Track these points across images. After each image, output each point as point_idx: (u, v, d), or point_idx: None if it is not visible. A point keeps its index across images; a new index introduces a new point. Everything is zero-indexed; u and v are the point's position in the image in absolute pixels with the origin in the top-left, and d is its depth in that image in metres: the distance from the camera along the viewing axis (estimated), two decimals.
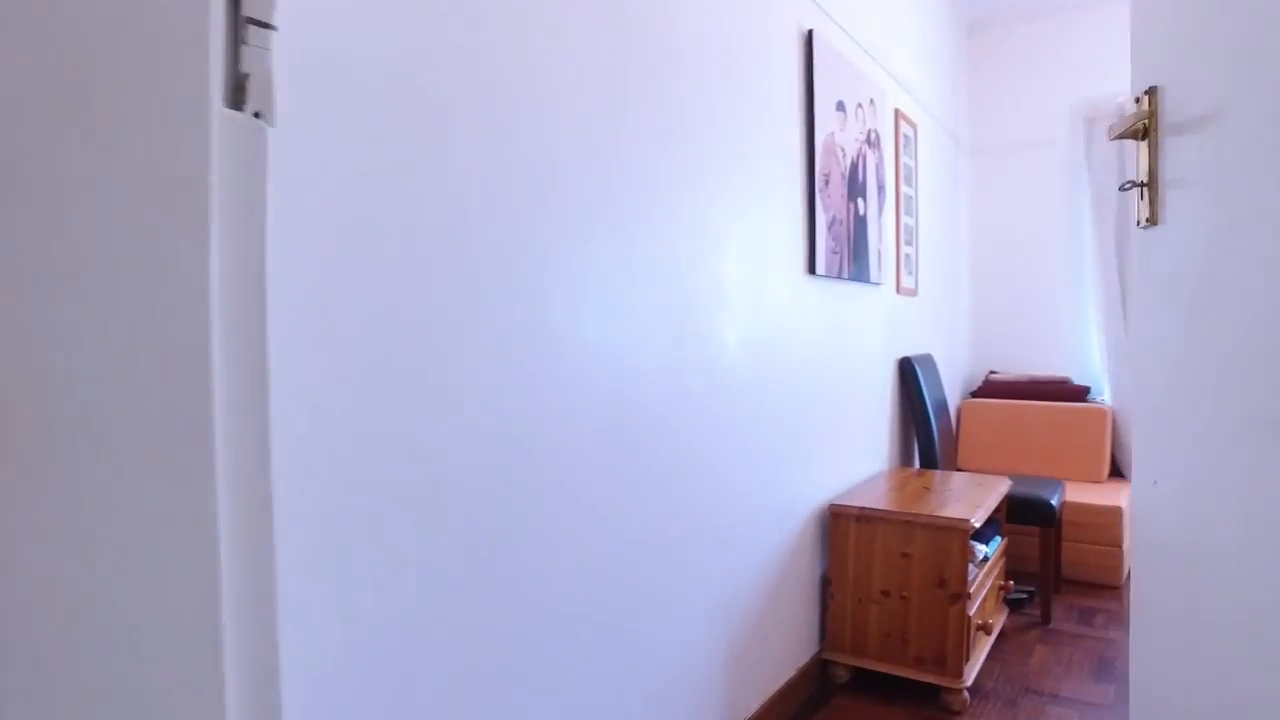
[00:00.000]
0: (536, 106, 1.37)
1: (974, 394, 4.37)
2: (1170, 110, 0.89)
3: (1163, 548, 0.98)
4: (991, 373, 4.49)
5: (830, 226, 2.52)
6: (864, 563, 2.46)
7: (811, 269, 2.42)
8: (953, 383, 4.24)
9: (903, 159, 3.34)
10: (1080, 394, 4.12)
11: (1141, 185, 1.00)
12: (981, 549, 2.56)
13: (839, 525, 2.50)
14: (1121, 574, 3.46)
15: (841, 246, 2.61)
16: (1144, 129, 0.98)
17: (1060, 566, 3.47)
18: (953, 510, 2.40)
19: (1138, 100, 1.00)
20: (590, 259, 1.50)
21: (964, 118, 4.55)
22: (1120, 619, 3.12)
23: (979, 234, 4.67)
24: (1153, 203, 0.95)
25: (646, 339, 1.67)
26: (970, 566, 2.37)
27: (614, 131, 1.56)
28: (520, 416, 1.34)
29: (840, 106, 2.61)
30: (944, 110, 4.06)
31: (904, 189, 3.35)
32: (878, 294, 3.04)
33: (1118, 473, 4.10)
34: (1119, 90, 4.27)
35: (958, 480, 2.86)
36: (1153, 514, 0.99)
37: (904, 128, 3.36)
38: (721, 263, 1.95)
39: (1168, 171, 0.91)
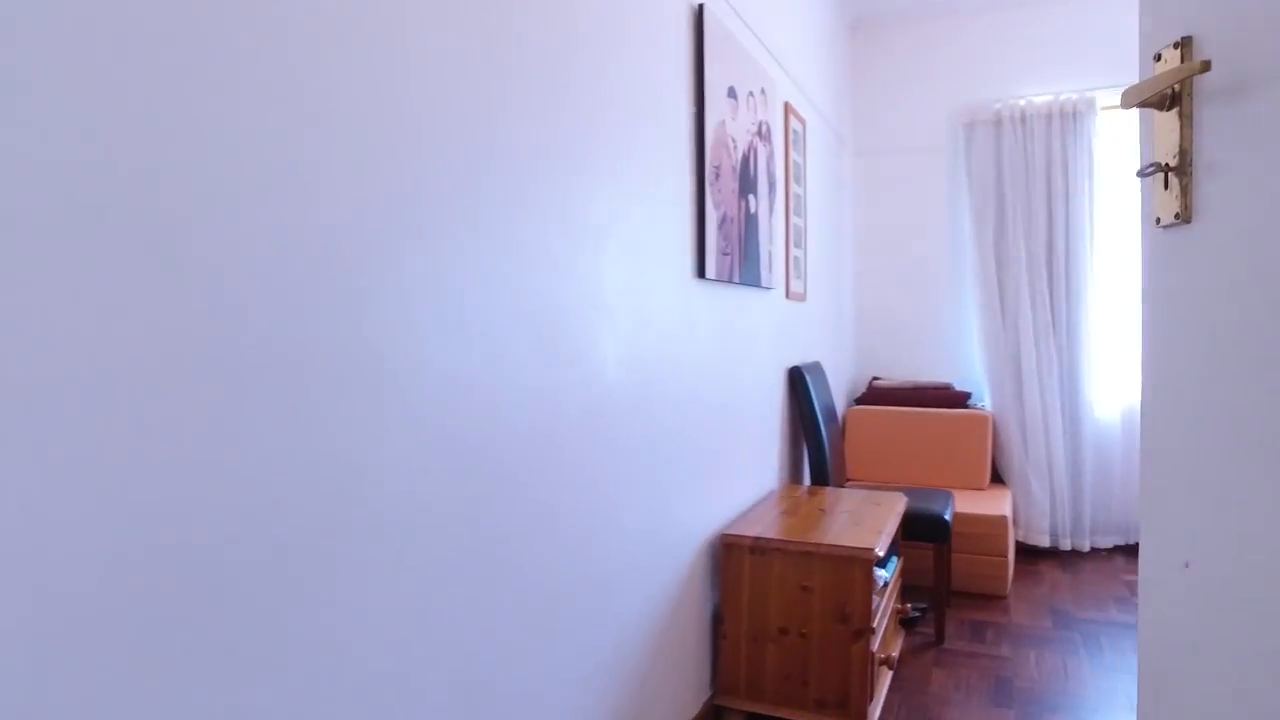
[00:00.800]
0: (392, 69, 1.03)
1: (859, 401, 4.27)
2: (1215, 70, 0.67)
3: (1201, 651, 0.76)
4: (875, 379, 4.41)
5: (721, 225, 2.27)
6: (760, 598, 2.22)
7: (701, 272, 2.16)
8: (839, 390, 4.12)
9: (792, 155, 3.15)
10: (961, 400, 4.08)
11: (1166, 170, 0.78)
12: (882, 575, 2.37)
13: (732, 558, 2.25)
14: (1007, 584, 3.40)
15: (733, 247, 2.37)
16: (1172, 95, 0.76)
17: (950, 579, 3.37)
18: (854, 537, 2.20)
19: (1158, 58, 0.78)
20: (436, 258, 1.17)
21: (848, 118, 4.45)
22: (1009, 632, 3.04)
23: (862, 237, 4.59)
24: (1184, 194, 0.73)
25: (505, 359, 1.34)
26: (873, 596, 2.18)
27: (481, 107, 1.24)
28: (330, 478, 0.99)
29: (732, 93, 2.36)
30: (830, 108, 3.92)
31: (794, 187, 3.17)
32: (768, 299, 2.82)
33: (997, 478, 4.09)
34: (997, 96, 4.27)
35: (853, 499, 2.68)
36: (1183, 606, 0.77)
37: (793, 122, 3.17)
38: (602, 264, 1.65)
39: (1205, 151, 0.69)
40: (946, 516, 2.91)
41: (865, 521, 2.38)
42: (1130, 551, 4.06)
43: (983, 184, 4.20)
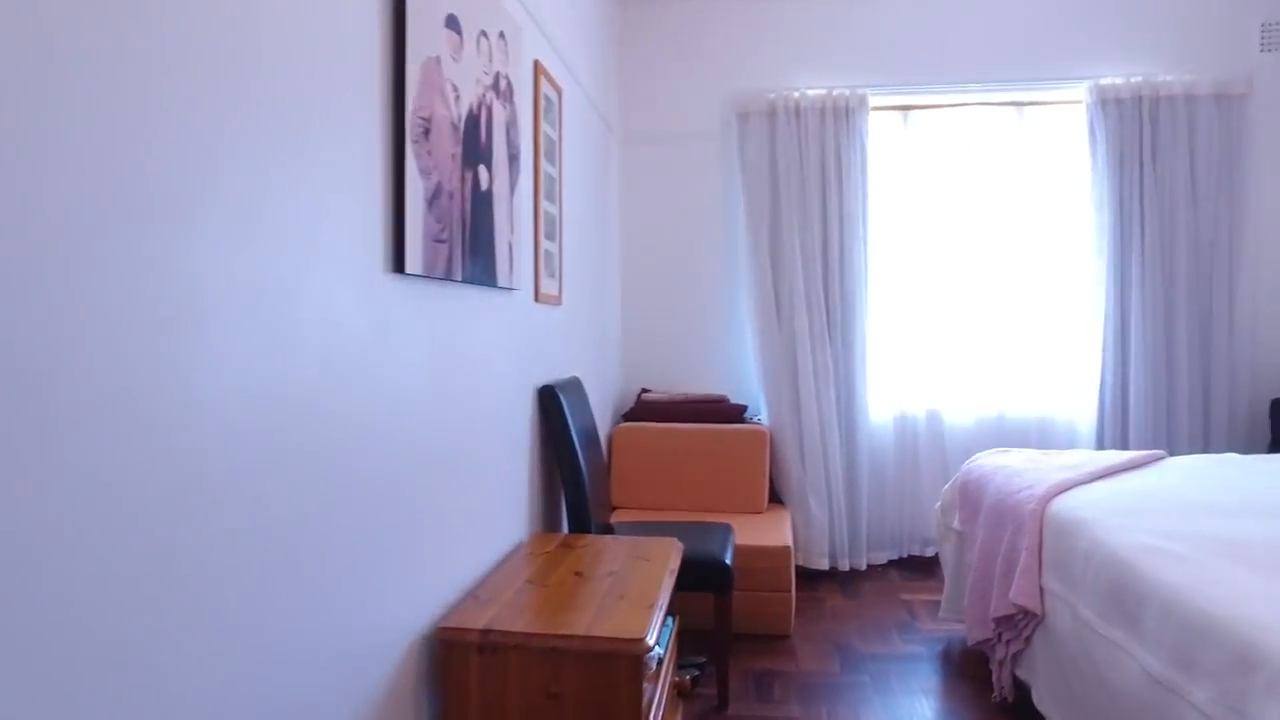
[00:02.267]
0: None
1: (626, 416, 3.80)
2: None
3: None
4: (644, 391, 3.96)
5: (434, 200, 1.64)
6: (493, 714, 1.61)
7: (399, 264, 1.51)
8: (604, 407, 3.61)
9: (544, 127, 2.57)
10: (737, 413, 3.73)
11: None
12: (655, 654, 1.85)
13: (454, 659, 1.62)
14: (790, 621, 3.05)
15: (452, 232, 1.74)
16: None
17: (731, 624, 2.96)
18: (618, 619, 1.66)
19: None
20: None
21: (614, 99, 3.96)
22: (797, 683, 2.67)
23: (630, 233, 4.13)
24: None
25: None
26: (645, 686, 1.64)
27: None
28: None
29: (454, 24, 1.74)
30: (593, 85, 3.40)
31: (545, 167, 2.59)
32: (510, 303, 2.23)
33: (775, 497, 3.78)
34: (771, 86, 3.97)
35: (618, 553, 2.15)
36: None
37: (546, 88, 2.60)
38: (187, 248, 0.96)
39: None
40: (727, 560, 2.47)
41: (632, 589, 1.85)
42: (904, 566, 3.92)
43: (757, 179, 3.88)
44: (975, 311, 3.98)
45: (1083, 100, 3.84)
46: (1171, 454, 3.80)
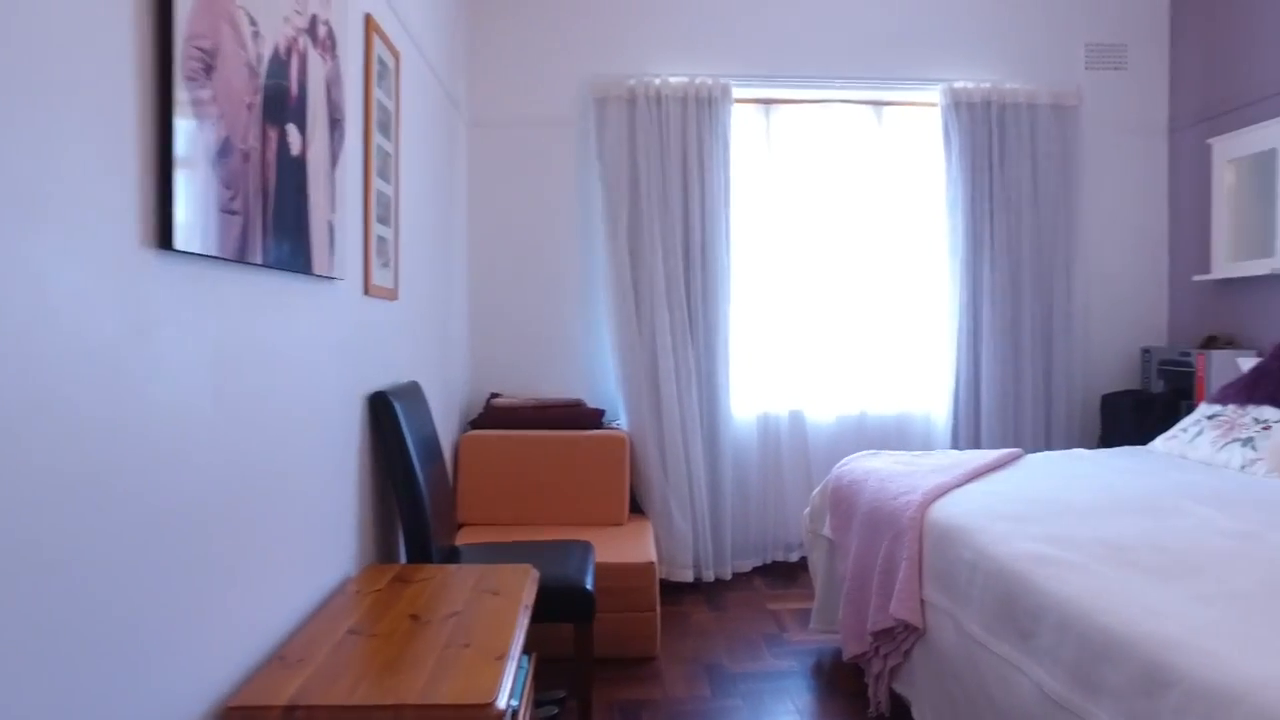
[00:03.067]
0: None
1: (474, 423, 3.47)
2: None
3: None
4: (494, 395, 3.64)
5: (221, 157, 1.28)
6: None
7: (165, 238, 1.15)
8: (448, 413, 3.27)
9: (377, 94, 2.22)
10: (595, 419, 3.48)
11: None
12: (509, 708, 1.56)
13: None
14: (656, 642, 2.83)
15: (249, 202, 1.38)
16: None
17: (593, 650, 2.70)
18: (462, 678, 1.36)
19: None
20: None
21: (463, 77, 3.62)
22: (666, 712, 2.45)
23: (478, 224, 3.79)
24: None
25: None
26: None
27: None
28: None
29: None
30: (439, 57, 3.05)
31: (379, 140, 2.24)
32: (331, 295, 1.87)
33: (636, 507, 3.56)
34: (632, 72, 3.76)
35: (463, 586, 1.85)
36: None
37: (381, 49, 2.25)
38: None
39: None
40: (588, 585, 2.21)
41: (479, 634, 1.55)
42: (769, 573, 3.80)
43: (616, 169, 3.65)
44: (836, 310, 3.93)
45: (938, 103, 3.87)
46: (1020, 444, 3.89)
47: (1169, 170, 4.17)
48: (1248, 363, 3.22)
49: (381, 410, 2.14)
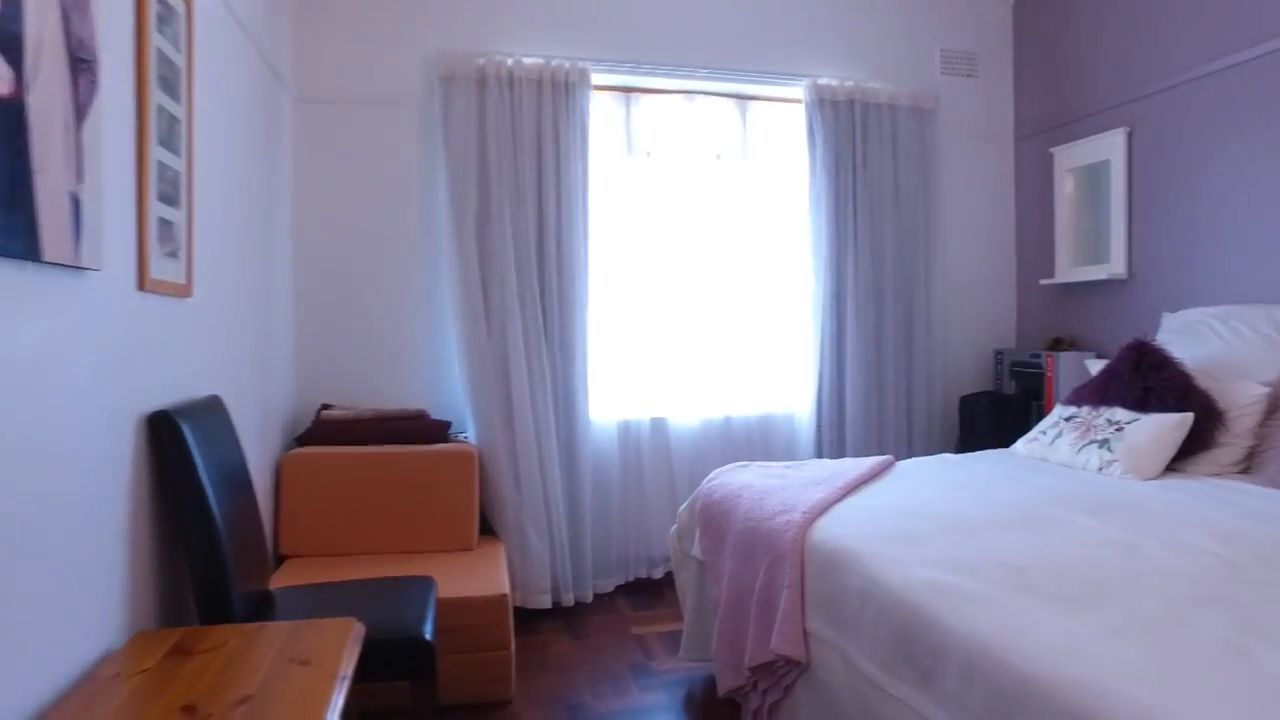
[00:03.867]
0: None
1: (301, 440, 3.03)
2: None
3: None
4: (325, 407, 3.21)
5: None
6: None
7: None
8: (267, 430, 2.82)
9: (155, 41, 1.79)
10: (440, 431, 3.13)
11: None
12: None
13: None
14: (511, 683, 2.52)
15: None
16: None
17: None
18: None
19: None
20: None
21: (287, 45, 3.16)
22: None
23: (307, 213, 3.34)
24: None
25: None
26: None
27: None
28: None
29: None
30: (256, 20, 2.60)
31: (158, 98, 1.81)
32: (81, 290, 1.45)
33: (487, 528, 3.23)
34: (482, 50, 3.42)
35: (262, 656, 1.48)
36: None
37: None
38: None
39: None
40: (427, 634, 1.88)
41: None
42: (632, 592, 3.56)
43: (463, 156, 3.30)
44: (700, 311, 3.75)
45: (802, 99, 3.77)
46: (882, 452, 3.85)
47: (1015, 177, 4.27)
48: (1095, 364, 3.28)
49: (164, 433, 1.72)
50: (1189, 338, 3.03)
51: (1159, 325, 3.37)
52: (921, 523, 1.96)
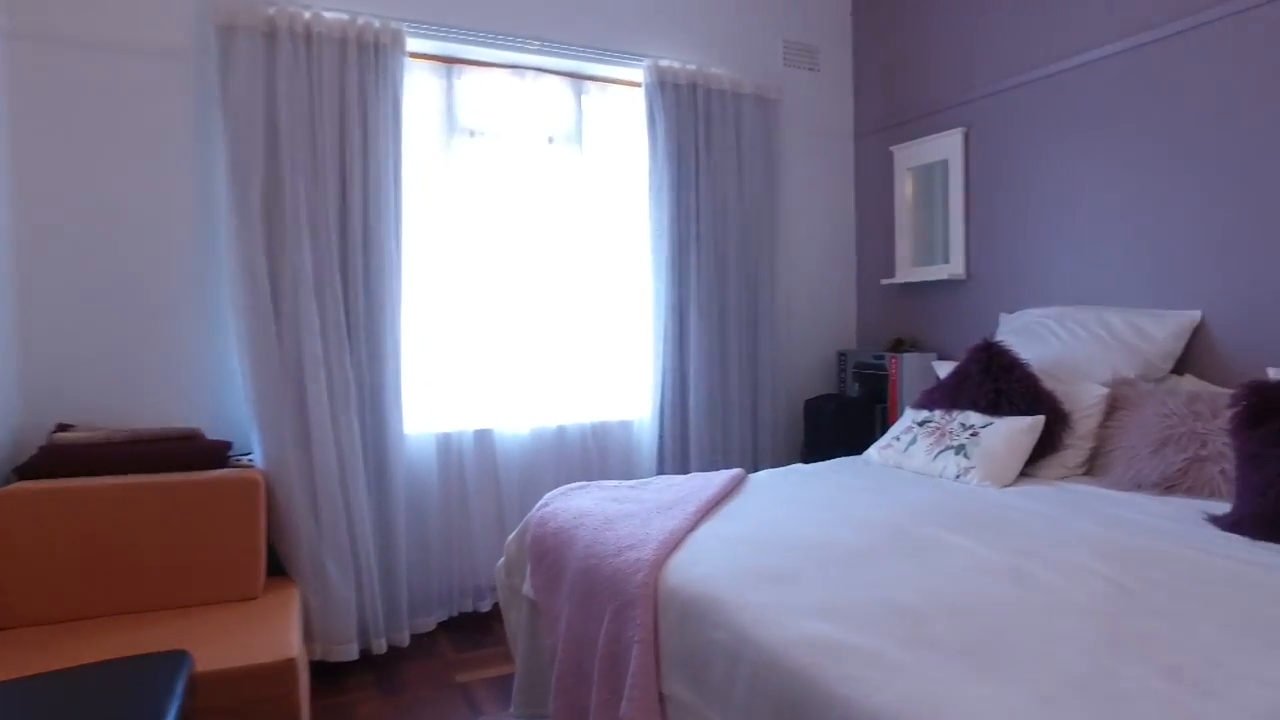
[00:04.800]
0: None
1: (24, 472, 2.38)
2: None
3: None
4: (61, 428, 2.57)
5: None
6: None
7: None
8: None
9: None
10: (217, 455, 2.57)
11: None
12: None
13: None
14: None
15: None
16: None
17: None
18: None
19: None
20: None
21: None
22: None
23: (33, 187, 2.66)
24: None
25: None
26: None
27: None
28: None
29: None
30: None
31: None
32: None
33: (277, 568, 2.70)
34: None
35: None
36: None
37: None
38: None
39: None
40: None
41: None
42: (456, 629, 3.13)
43: (248, 124, 2.75)
44: (531, 310, 3.37)
45: (642, 81, 3.48)
46: (728, 460, 3.64)
47: (856, 175, 4.20)
48: (941, 366, 3.21)
49: None
50: (1028, 338, 3.00)
51: (997, 325, 3.36)
52: (791, 555, 1.69)
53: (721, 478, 2.39)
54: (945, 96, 3.63)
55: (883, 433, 3.63)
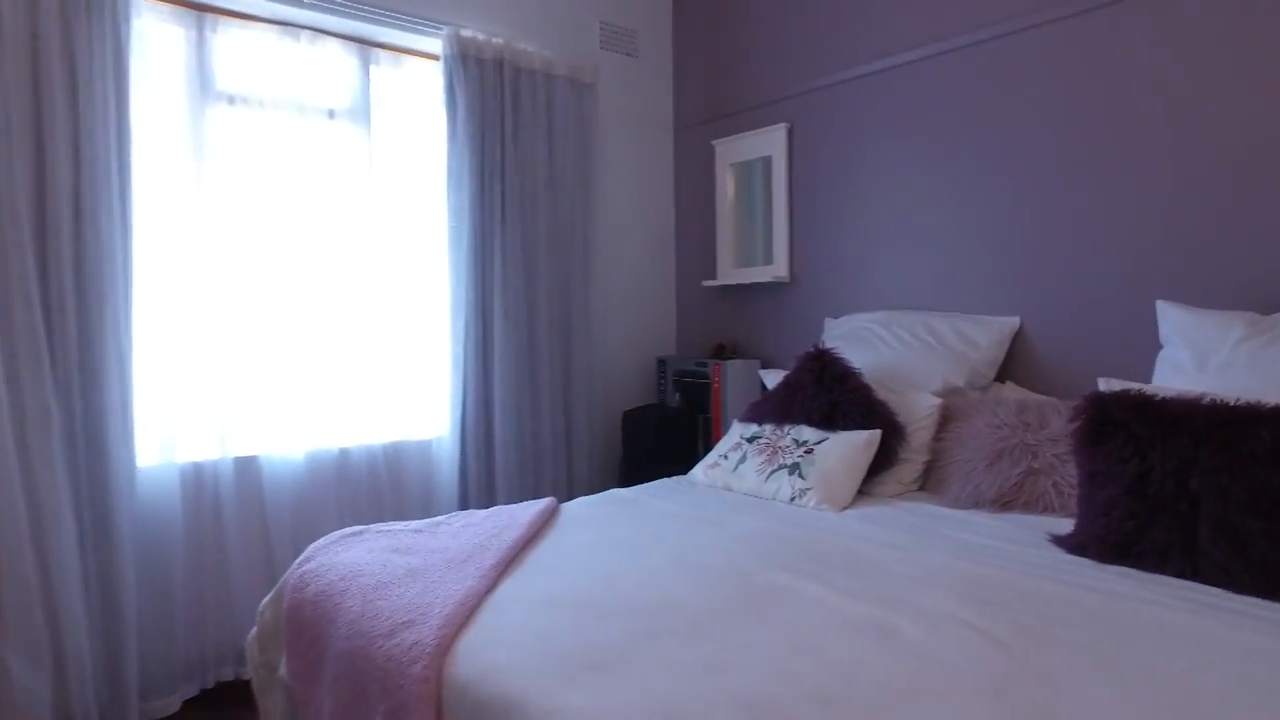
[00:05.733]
0: None
1: None
2: None
3: None
4: None
5: None
6: None
7: None
8: None
9: None
10: None
11: None
12: None
13: None
14: None
15: None
16: None
17: None
18: None
19: None
20: None
21: None
22: None
23: None
24: None
25: None
26: None
27: None
28: None
29: None
30: None
31: None
32: None
33: None
34: None
35: None
36: None
37: None
38: None
39: None
40: None
41: None
42: (209, 705, 2.53)
43: None
44: (304, 312, 2.83)
45: (441, 52, 3.03)
46: (539, 480, 3.27)
47: (675, 169, 3.96)
48: (769, 375, 3.01)
49: None
50: (856, 345, 2.85)
51: (823, 331, 3.21)
52: (615, 625, 1.34)
53: (528, 514, 2.01)
54: (769, 90, 3.46)
55: (706, 447, 3.40)
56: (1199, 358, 2.07)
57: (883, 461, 2.39)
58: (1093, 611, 1.43)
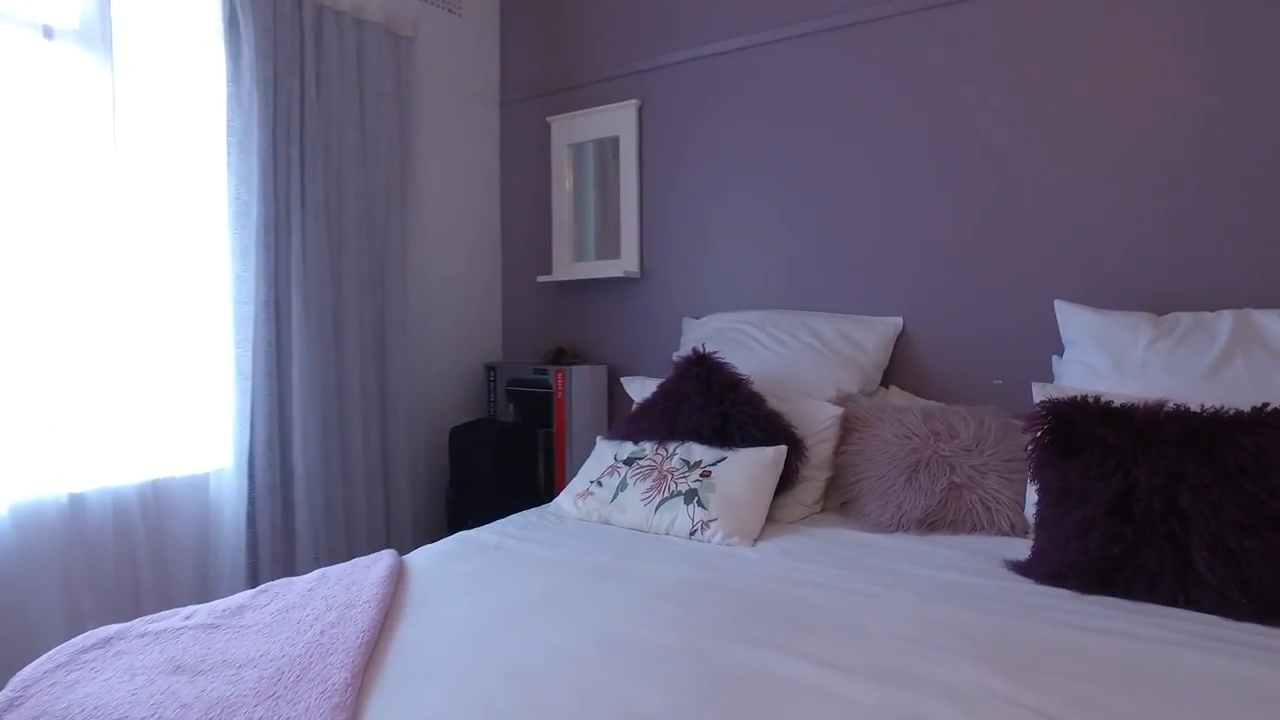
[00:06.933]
0: None
1: None
2: None
3: None
4: None
5: None
6: None
7: None
8: None
9: None
10: None
11: None
12: None
13: None
14: None
15: None
16: None
17: None
18: None
19: None
20: None
21: None
22: None
23: None
24: None
25: None
26: None
27: None
28: None
29: None
30: None
31: None
32: None
33: None
34: None
35: None
36: None
37: None
38: None
39: None
40: None
41: None
42: None
43: None
44: (8, 308, 2.03)
45: None
46: (351, 520, 2.65)
47: (502, 147, 3.46)
48: (635, 383, 2.60)
49: None
50: (730, 348, 2.53)
51: (681, 333, 2.87)
52: None
53: (370, 581, 1.46)
54: (616, 63, 3.07)
55: (549, 465, 2.95)
56: (1114, 359, 1.94)
57: (783, 481, 2.07)
58: (1125, 661, 1.18)
